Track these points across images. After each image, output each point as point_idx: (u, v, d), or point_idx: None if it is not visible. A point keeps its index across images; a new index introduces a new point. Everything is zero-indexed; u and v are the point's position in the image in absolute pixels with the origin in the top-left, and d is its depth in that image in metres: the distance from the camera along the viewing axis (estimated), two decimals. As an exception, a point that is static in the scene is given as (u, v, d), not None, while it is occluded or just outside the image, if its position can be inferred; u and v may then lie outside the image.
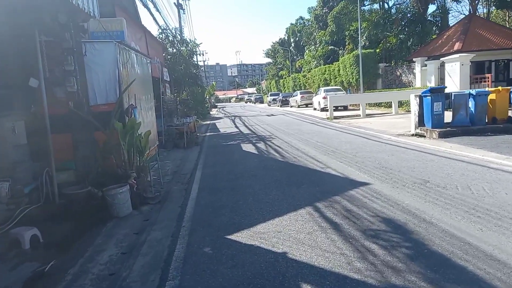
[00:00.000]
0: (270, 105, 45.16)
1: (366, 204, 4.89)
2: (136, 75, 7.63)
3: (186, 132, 12.35)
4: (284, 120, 21.33)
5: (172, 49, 18.12)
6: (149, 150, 7.50)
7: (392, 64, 26.94)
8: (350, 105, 24.46)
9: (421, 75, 22.04)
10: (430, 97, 10.44)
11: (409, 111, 19.82)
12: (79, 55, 6.02)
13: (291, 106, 34.75)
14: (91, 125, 5.95)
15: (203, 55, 42.57)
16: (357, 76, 25.63)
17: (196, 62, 28.16)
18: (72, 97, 5.90)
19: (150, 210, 5.49)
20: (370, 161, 7.67)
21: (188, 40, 20.77)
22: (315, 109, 26.37)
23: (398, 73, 24.76)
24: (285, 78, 55.59)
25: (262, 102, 60.77)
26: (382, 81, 26.41)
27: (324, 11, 36.70)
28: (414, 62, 22.98)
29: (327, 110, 20.62)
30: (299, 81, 43.88)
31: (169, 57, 17.71)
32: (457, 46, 21.16)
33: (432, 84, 20.56)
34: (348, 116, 19.67)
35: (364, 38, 28.00)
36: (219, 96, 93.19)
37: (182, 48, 19.03)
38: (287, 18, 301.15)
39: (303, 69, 45.72)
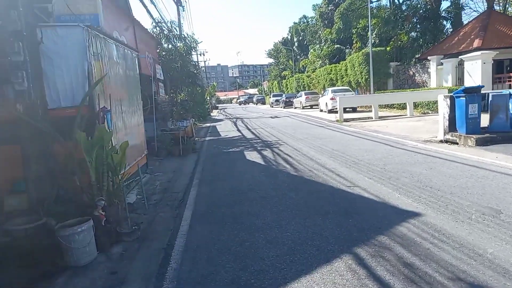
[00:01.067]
0: (272, 106, 43.60)
1: (430, 252, 3.37)
2: (116, 70, 6.15)
3: (182, 137, 10.85)
4: (289, 122, 19.82)
5: (168, 45, 16.53)
6: (131, 166, 6.02)
7: (405, 63, 25.35)
8: (358, 107, 22.99)
9: (437, 74, 20.50)
10: (464, 98, 8.93)
11: (425, 113, 18.51)
12: (33, 42, 4.54)
13: (295, 108, 33.22)
14: (47, 135, 4.47)
15: (203, 54, 40.87)
16: (367, 76, 24.10)
17: (195, 61, 26.57)
18: (22, 97, 4.42)
19: (122, 253, 3.98)
20: (407, 177, 6.16)
21: (186, 35, 19.11)
22: (321, 110, 24.92)
23: (411, 73, 23.19)
24: (288, 78, 53.90)
25: (264, 103, 59.24)
26: (394, 81, 24.83)
27: (329, 8, 35.10)
28: (429, 60, 21.44)
29: (335, 112, 19.14)
30: (303, 82, 42.27)
31: (163, 53, 16.13)
32: (476, 43, 19.61)
33: (449, 84, 19.07)
34: (359, 118, 18.14)
35: (374, 35, 26.41)
36: (220, 97, 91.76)
37: (179, 44, 17.40)
38: (290, 17, 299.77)
39: (307, 69, 44.10)
